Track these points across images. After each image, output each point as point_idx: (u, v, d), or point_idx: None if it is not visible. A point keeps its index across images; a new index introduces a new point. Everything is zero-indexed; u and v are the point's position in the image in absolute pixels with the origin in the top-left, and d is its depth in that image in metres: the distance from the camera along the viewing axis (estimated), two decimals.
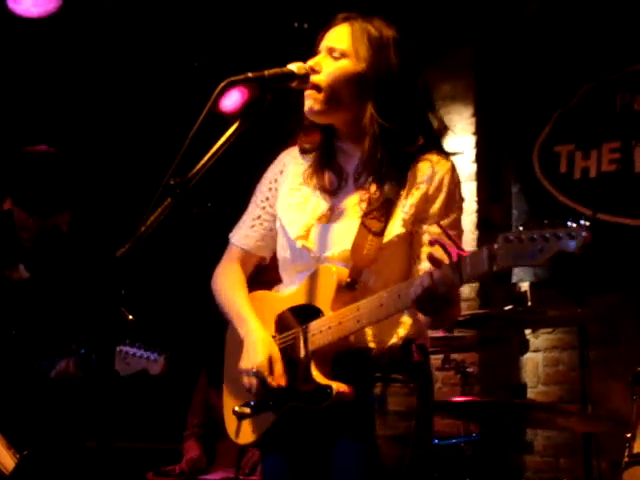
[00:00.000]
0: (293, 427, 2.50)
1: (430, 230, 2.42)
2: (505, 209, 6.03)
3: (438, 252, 2.14)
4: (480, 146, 6.09)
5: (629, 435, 3.33)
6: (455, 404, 3.92)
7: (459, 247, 2.11)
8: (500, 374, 5.75)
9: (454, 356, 4.54)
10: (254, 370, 2.45)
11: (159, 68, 6.13)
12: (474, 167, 6.02)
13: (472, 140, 6.08)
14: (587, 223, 1.85)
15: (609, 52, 5.67)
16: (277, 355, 2.46)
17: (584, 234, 1.84)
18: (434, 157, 2.49)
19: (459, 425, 4.59)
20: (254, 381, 2.46)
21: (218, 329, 2.84)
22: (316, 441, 2.49)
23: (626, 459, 3.30)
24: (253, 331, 2.53)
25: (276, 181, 2.66)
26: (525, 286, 5.88)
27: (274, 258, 2.70)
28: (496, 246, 1.96)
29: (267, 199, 2.67)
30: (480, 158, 6.06)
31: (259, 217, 2.68)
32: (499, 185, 6.02)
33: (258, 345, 2.48)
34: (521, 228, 1.91)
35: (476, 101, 6.13)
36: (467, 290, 5.78)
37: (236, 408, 2.54)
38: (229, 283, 2.70)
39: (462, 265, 2.06)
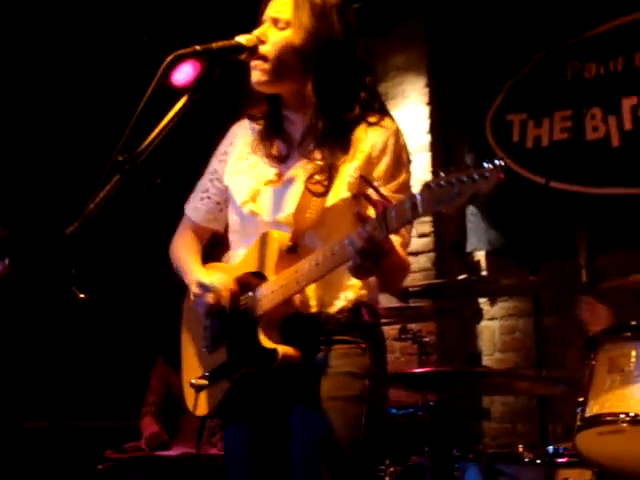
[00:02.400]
0: (248, 395, 2.51)
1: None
2: None
3: (363, 206, 2.20)
4: (434, 117, 6.10)
5: (581, 399, 3.37)
6: (411, 376, 3.95)
7: (384, 198, 2.15)
8: (457, 343, 5.80)
9: (411, 326, 4.56)
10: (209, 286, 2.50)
11: (109, 42, 6.06)
12: (428, 138, 6.04)
13: (426, 111, 6.09)
14: (501, 163, 1.89)
15: (559, 21, 5.69)
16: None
17: (497, 174, 1.89)
18: (378, 120, 2.51)
19: (416, 394, 4.63)
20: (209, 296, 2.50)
21: (173, 307, 2.85)
22: (272, 409, 2.50)
23: (579, 423, 3.34)
24: (199, 276, 2.58)
25: (226, 153, 2.68)
26: (480, 255, 5.94)
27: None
28: (418, 194, 2.02)
29: (215, 171, 2.69)
30: (434, 129, 6.08)
31: (207, 190, 2.71)
32: (453, 155, 6.04)
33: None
34: (442, 174, 1.96)
35: (429, 72, 6.14)
36: (423, 260, 5.82)
37: (193, 380, 2.56)
38: (181, 249, 2.73)
39: (387, 217, 2.10)
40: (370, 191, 2.21)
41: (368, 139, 2.48)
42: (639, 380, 3.23)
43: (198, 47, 2.30)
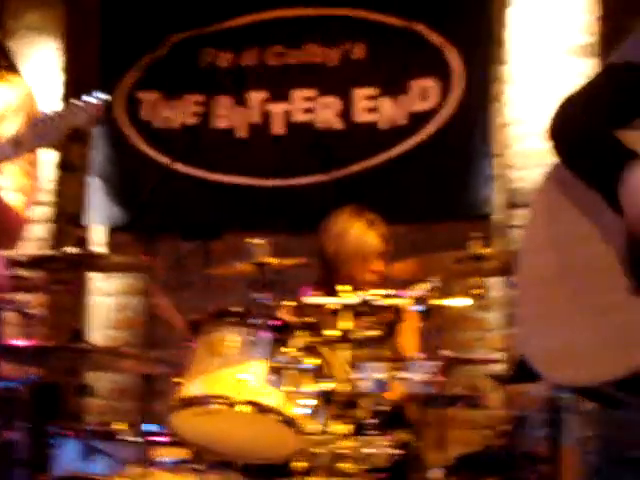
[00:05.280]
0: None
1: None
2: (85, 150, 5.94)
3: None
4: (69, 83, 5.94)
5: (178, 380, 3.42)
6: (9, 348, 3.81)
7: None
8: (67, 318, 5.69)
9: (18, 297, 4.40)
10: None
11: None
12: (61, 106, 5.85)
13: (60, 77, 5.91)
14: (103, 98, 1.98)
15: (198, 5, 5.77)
16: None
17: (94, 108, 1.98)
18: (4, 78, 2.44)
19: (17, 368, 4.48)
20: None
21: None
22: None
23: (174, 403, 3.39)
24: None
25: None
26: (100, 230, 5.86)
27: None
28: (23, 131, 2.04)
29: None
30: (68, 97, 5.90)
31: None
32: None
33: None
34: (48, 111, 2.02)
35: (67, 35, 5.94)
36: (39, 229, 5.65)
37: None
38: None
39: None
40: None
41: None
42: (234, 363, 3.34)
43: None
